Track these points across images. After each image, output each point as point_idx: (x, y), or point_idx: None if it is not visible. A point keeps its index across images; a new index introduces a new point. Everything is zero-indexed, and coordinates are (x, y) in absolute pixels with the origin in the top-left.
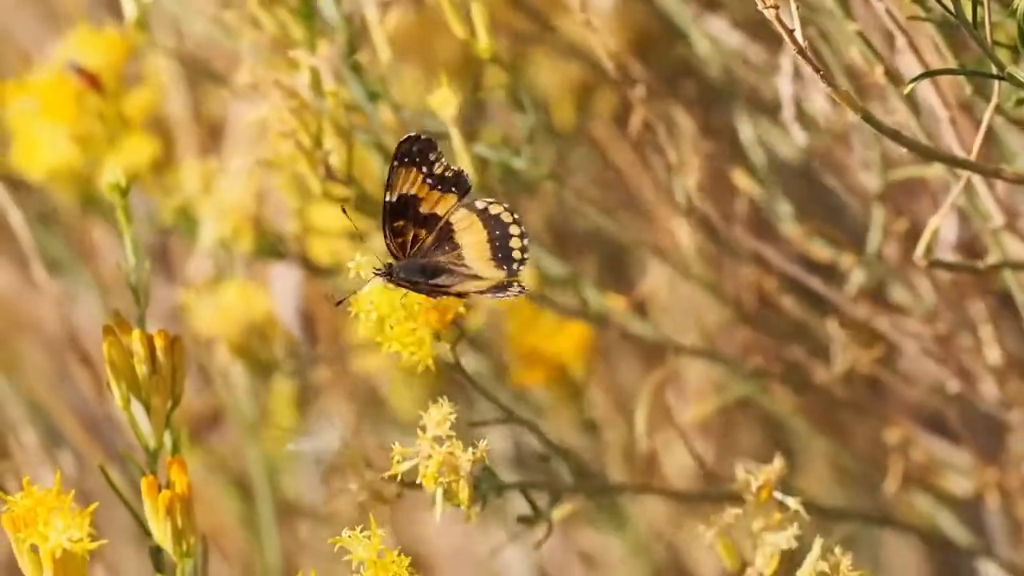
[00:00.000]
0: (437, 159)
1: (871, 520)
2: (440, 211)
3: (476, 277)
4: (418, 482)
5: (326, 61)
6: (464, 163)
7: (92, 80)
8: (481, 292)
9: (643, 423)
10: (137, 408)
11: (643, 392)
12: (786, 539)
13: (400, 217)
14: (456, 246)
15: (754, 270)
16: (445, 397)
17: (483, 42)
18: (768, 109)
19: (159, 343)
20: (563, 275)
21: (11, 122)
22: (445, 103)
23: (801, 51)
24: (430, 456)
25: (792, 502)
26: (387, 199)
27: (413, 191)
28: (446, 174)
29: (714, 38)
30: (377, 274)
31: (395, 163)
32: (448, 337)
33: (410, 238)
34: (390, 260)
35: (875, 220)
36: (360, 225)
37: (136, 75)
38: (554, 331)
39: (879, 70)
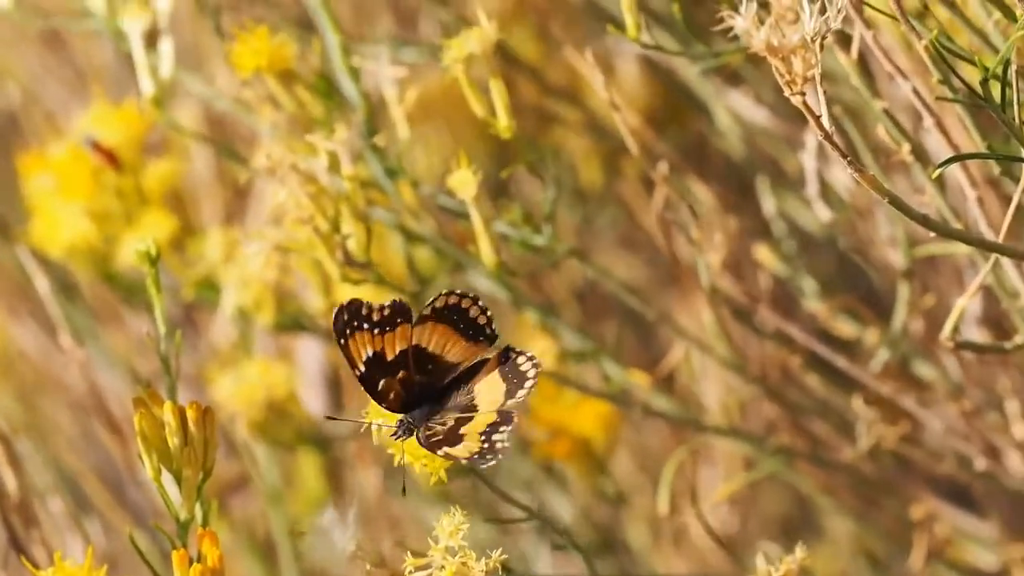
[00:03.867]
0: (369, 309)
1: None
2: (402, 345)
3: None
4: None
5: (344, 144)
6: (484, 243)
7: (109, 156)
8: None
9: (665, 504)
10: (167, 479)
11: (665, 473)
12: None
13: (376, 381)
14: (434, 356)
15: (778, 347)
16: (458, 506)
17: (503, 122)
18: (791, 183)
19: (191, 415)
20: (585, 350)
21: (30, 198)
22: (465, 184)
23: (828, 137)
24: (443, 567)
25: None
26: (357, 375)
27: (370, 350)
28: (385, 313)
29: (736, 113)
30: (397, 437)
31: (341, 341)
32: None
33: (399, 388)
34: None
35: (900, 296)
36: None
37: (159, 143)
38: (577, 405)
39: (906, 148)
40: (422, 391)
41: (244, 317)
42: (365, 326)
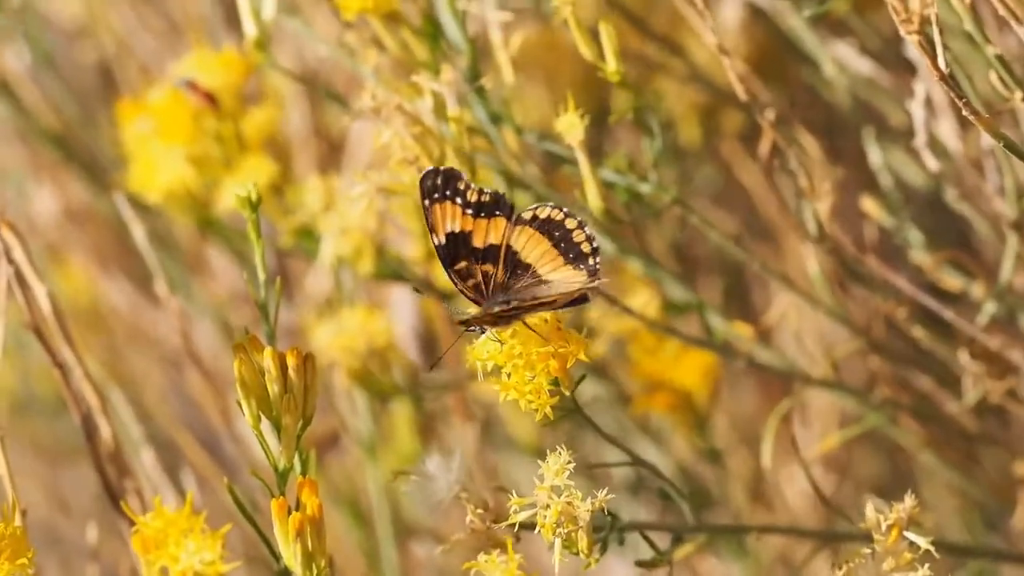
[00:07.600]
0: (467, 187)
1: (1001, 557)
2: (495, 239)
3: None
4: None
5: (449, 86)
6: (591, 188)
7: (208, 97)
8: (570, 300)
9: (769, 457)
10: (266, 428)
11: (769, 424)
12: None
13: (457, 259)
14: (528, 267)
15: (884, 299)
16: (563, 445)
17: (612, 66)
18: (894, 136)
19: (291, 361)
20: (687, 302)
21: (128, 144)
22: (572, 127)
23: (944, 77)
24: (548, 506)
25: (923, 542)
26: (435, 243)
27: (457, 227)
28: (483, 199)
29: (841, 63)
30: (465, 327)
31: (426, 202)
32: (568, 384)
33: (480, 278)
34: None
35: (1009, 248)
36: None
37: (255, 93)
38: (678, 358)
39: (1018, 96)
40: (504, 290)
41: (341, 266)
42: (458, 200)
